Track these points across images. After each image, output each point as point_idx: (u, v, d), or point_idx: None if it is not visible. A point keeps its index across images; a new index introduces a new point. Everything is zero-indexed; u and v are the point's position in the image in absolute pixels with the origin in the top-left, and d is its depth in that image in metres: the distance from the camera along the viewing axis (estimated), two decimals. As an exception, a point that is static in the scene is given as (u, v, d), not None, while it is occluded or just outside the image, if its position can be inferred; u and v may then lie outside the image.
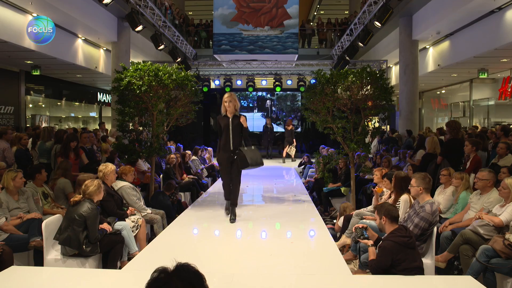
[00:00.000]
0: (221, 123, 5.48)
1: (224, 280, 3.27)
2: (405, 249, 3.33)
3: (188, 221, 5.58)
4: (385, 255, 3.36)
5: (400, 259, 3.32)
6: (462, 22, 10.40)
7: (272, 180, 9.36)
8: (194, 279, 1.34)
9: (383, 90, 6.31)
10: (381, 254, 3.40)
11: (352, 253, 4.55)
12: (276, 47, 14.58)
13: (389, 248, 3.35)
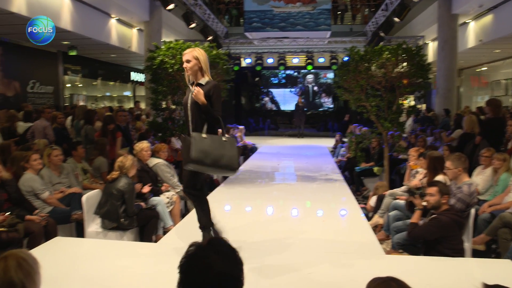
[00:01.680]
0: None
1: (255, 256, 3.32)
2: (457, 229, 3.31)
3: (220, 198, 5.68)
4: (437, 228, 3.36)
5: (450, 237, 3.32)
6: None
7: (304, 159, 9.33)
8: (230, 252, 1.36)
9: (419, 67, 6.09)
10: (434, 225, 3.38)
11: (384, 233, 4.51)
12: (308, 24, 14.27)
13: (445, 222, 3.34)
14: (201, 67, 3.15)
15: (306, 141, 13.53)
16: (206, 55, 3.21)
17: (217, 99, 3.12)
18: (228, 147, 3.10)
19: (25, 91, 11.67)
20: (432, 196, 3.51)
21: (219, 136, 3.15)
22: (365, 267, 3.11)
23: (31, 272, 1.50)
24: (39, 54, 12.17)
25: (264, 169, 7.92)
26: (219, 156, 3.02)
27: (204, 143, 3.02)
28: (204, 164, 3.01)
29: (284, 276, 2.98)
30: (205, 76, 3.17)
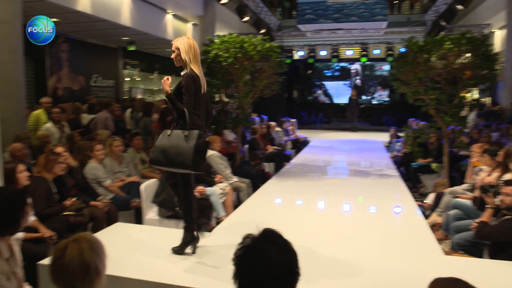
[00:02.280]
0: None
1: (307, 250, 3.31)
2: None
3: (272, 191, 5.71)
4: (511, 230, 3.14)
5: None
6: None
7: (357, 153, 9.12)
8: (286, 243, 1.36)
9: (485, 58, 5.70)
10: (508, 227, 3.18)
11: (443, 232, 4.31)
12: (363, 15, 13.87)
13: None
14: (182, 57, 3.05)
15: (360, 135, 13.20)
16: (190, 45, 3.05)
17: (186, 90, 2.95)
18: (185, 143, 2.87)
19: (88, 85, 12.40)
20: (509, 196, 3.26)
21: (181, 131, 2.93)
22: (422, 267, 2.99)
23: (101, 254, 1.60)
24: (101, 49, 12.85)
25: (316, 162, 7.85)
26: (175, 154, 2.87)
27: (165, 141, 2.94)
28: (162, 164, 2.96)
29: (336, 272, 2.94)
30: (187, 67, 3.06)
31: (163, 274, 2.79)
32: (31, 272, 2.80)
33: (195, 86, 2.98)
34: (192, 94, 2.96)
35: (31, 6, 7.79)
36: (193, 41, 3.09)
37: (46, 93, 10.32)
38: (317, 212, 4.91)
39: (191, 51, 3.04)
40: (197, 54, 3.07)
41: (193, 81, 2.97)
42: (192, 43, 3.07)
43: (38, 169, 3.86)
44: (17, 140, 4.98)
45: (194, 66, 3.04)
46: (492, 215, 3.47)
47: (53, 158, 3.90)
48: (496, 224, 3.29)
